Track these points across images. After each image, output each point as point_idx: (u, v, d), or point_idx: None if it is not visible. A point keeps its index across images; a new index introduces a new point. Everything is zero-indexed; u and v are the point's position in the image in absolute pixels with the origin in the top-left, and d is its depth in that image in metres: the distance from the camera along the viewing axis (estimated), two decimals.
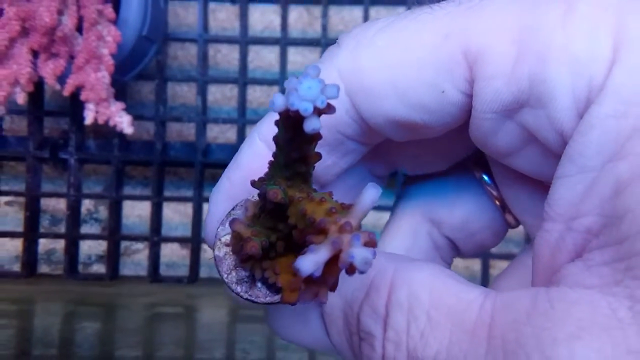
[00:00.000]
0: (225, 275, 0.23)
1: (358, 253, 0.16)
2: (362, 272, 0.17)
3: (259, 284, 0.22)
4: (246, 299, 0.22)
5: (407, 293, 0.20)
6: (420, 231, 0.28)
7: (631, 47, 0.18)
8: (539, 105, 0.20)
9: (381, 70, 0.21)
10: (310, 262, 0.17)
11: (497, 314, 0.19)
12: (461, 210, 0.28)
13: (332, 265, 0.17)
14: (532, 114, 0.20)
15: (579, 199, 0.19)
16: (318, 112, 0.17)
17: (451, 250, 0.29)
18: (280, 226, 0.20)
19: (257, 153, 0.24)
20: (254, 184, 0.21)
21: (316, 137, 0.19)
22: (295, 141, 0.19)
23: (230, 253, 0.23)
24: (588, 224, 0.19)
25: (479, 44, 0.20)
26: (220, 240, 0.23)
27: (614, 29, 0.19)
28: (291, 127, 0.18)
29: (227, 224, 0.23)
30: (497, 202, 0.27)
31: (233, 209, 0.24)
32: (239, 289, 0.22)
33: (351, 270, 0.17)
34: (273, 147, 0.23)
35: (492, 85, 0.20)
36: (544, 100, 0.20)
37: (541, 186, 0.25)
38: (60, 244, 0.64)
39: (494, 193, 0.27)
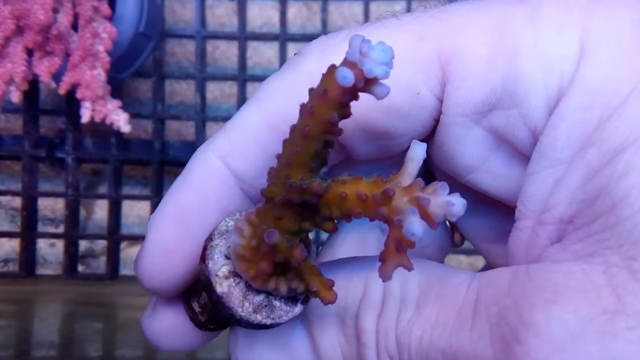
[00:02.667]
0: (240, 310, 0.20)
1: (456, 200, 0.17)
2: (457, 217, 0.17)
3: (277, 303, 0.21)
4: (270, 324, 0.20)
5: (400, 284, 0.21)
6: (370, 236, 0.28)
7: (597, 43, 0.19)
8: (511, 104, 0.20)
9: None
10: (419, 223, 0.17)
11: (481, 290, 0.19)
12: None
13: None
14: (504, 115, 0.21)
15: (550, 192, 0.20)
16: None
17: None
18: (306, 225, 0.19)
19: (213, 171, 0.23)
20: (265, 192, 0.19)
21: (349, 113, 0.19)
22: (337, 122, 0.18)
23: (234, 284, 0.21)
24: (559, 214, 0.19)
25: (452, 46, 0.21)
26: (217, 275, 0.21)
27: (579, 28, 0.20)
28: (344, 104, 0.18)
29: (216, 257, 0.21)
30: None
31: (211, 239, 0.21)
32: (259, 317, 0.20)
33: (435, 225, 0.17)
34: (232, 164, 0.22)
35: (465, 86, 0.21)
36: (518, 98, 0.20)
37: (494, 212, 0.25)
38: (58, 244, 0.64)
39: None
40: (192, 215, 0.22)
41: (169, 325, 0.24)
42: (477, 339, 0.18)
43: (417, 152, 0.18)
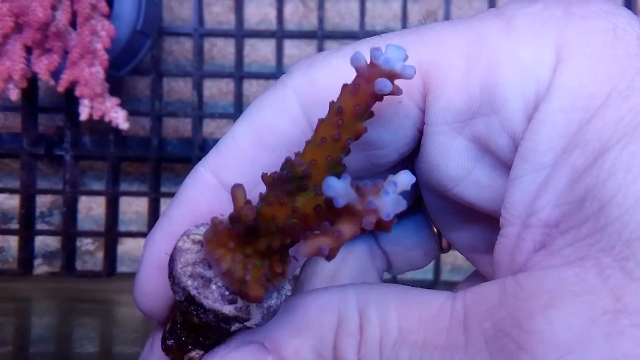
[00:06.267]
0: (179, 267, 0.20)
1: (394, 197, 0.18)
2: (387, 215, 0.18)
3: (214, 287, 0.20)
4: (194, 295, 0.20)
5: (376, 310, 0.20)
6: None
7: (573, 50, 0.20)
8: (491, 111, 0.21)
9: (338, 82, 0.21)
10: (336, 180, 0.17)
11: (469, 309, 0.19)
12: (400, 226, 0.28)
13: (350, 216, 0.18)
14: (484, 122, 0.21)
15: (534, 196, 0.20)
16: None
17: (384, 263, 0.29)
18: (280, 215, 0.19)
19: (204, 185, 0.23)
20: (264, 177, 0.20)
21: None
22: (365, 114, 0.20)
23: (196, 251, 0.21)
24: (545, 218, 0.19)
25: (431, 58, 0.22)
26: (188, 236, 0.21)
27: (555, 37, 0.20)
28: (375, 98, 0.20)
29: (197, 229, 0.21)
30: (435, 229, 0.28)
31: (187, 234, 0.21)
32: (189, 282, 0.20)
33: (387, 228, 0.18)
34: (224, 178, 0.23)
35: (445, 94, 0.21)
36: (496, 105, 0.21)
37: (482, 225, 0.25)
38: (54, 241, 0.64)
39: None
40: (184, 229, 0.22)
41: None
42: (474, 354, 0.18)
43: (403, 179, 0.18)
